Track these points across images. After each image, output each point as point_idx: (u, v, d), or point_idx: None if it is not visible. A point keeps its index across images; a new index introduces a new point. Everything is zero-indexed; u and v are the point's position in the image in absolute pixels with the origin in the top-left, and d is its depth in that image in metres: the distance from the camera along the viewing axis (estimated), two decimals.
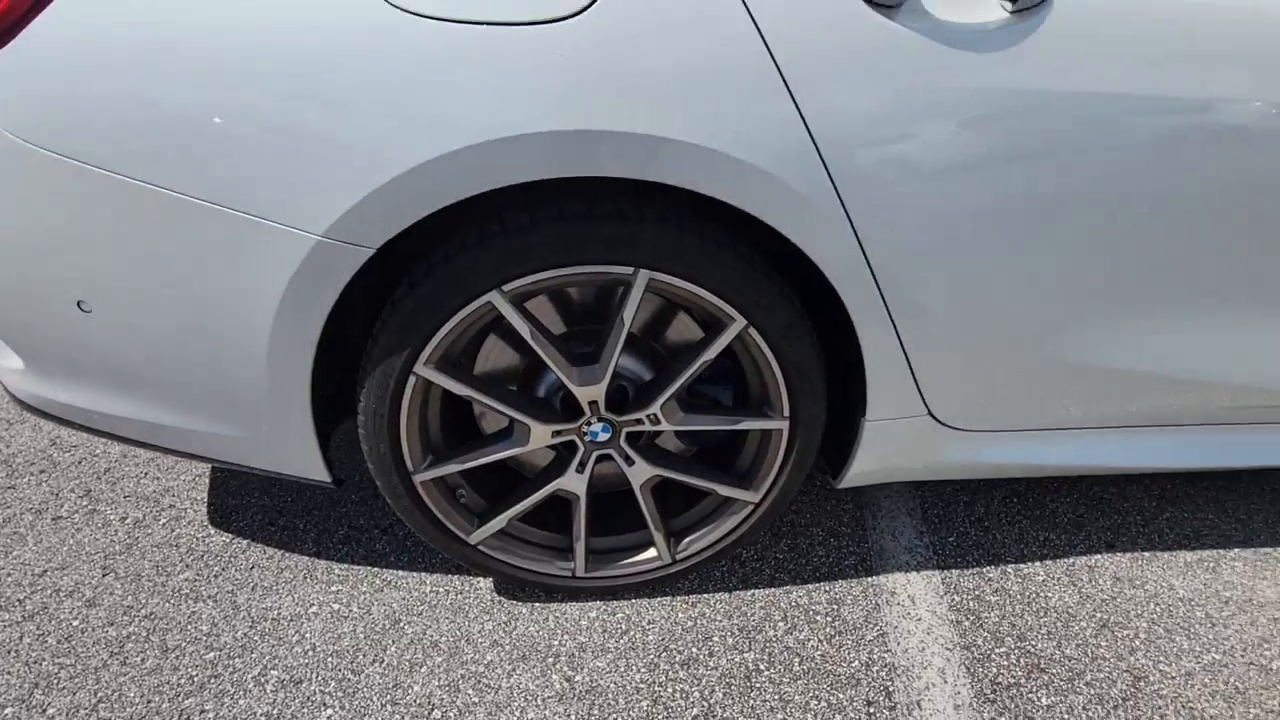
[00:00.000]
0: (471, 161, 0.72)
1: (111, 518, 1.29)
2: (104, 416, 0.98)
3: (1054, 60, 0.74)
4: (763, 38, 0.72)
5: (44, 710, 0.97)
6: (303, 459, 0.98)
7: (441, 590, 1.17)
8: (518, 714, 0.98)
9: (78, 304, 0.86)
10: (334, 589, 1.17)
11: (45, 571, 1.18)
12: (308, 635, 1.09)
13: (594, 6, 0.69)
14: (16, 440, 1.47)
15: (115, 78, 0.72)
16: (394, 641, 1.08)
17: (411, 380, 0.89)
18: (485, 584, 1.18)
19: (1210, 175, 0.81)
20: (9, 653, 1.04)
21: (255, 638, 1.08)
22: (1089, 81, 0.75)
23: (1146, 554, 1.26)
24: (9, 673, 1.02)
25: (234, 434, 0.96)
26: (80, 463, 1.41)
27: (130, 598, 1.13)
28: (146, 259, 0.80)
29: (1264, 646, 1.10)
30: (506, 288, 0.83)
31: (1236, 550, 1.27)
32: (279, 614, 1.12)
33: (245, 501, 1.34)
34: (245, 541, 1.26)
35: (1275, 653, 1.09)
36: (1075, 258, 0.85)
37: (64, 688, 1.00)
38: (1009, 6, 0.72)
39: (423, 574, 1.20)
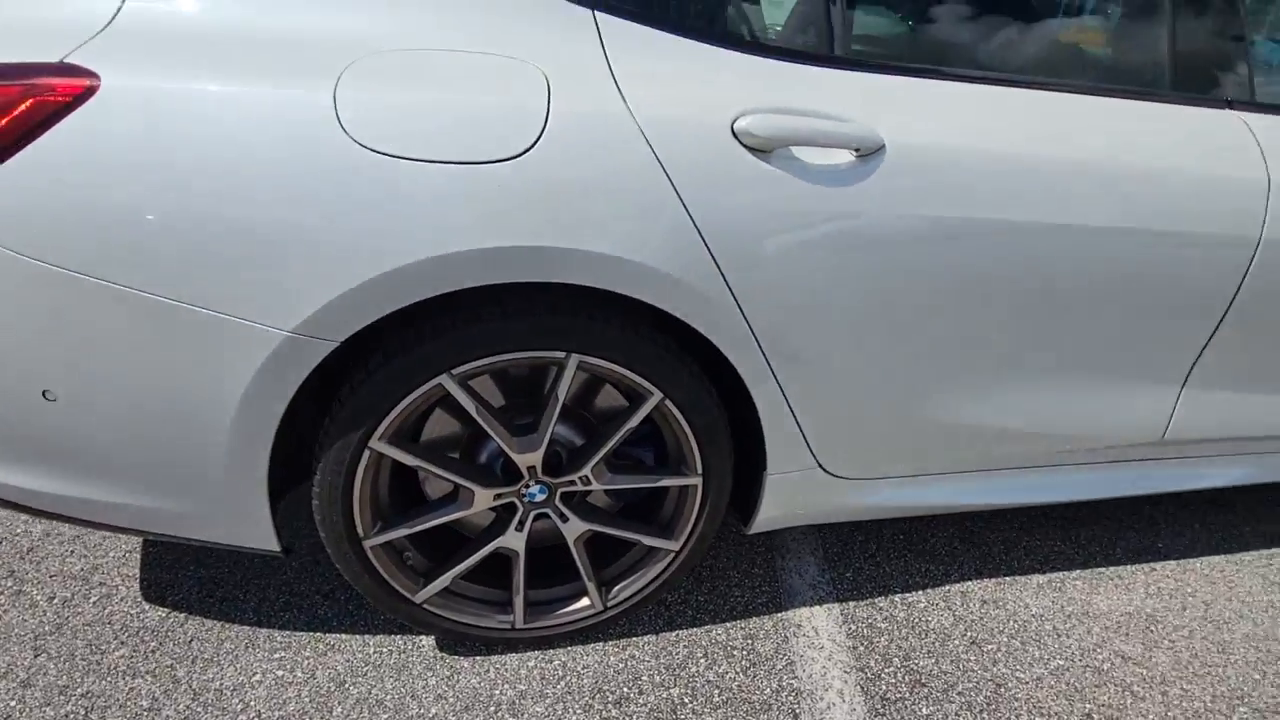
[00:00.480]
0: (428, 271, 0.86)
1: (39, 598, 1.28)
2: (53, 498, 1.01)
3: (887, 190, 0.96)
4: (667, 174, 0.90)
5: None
6: (256, 530, 1.05)
7: (385, 650, 1.23)
8: None
9: (43, 393, 0.92)
10: (277, 655, 1.21)
11: None
12: (252, 703, 1.12)
13: (527, 153, 0.85)
14: None
15: (97, 194, 0.82)
16: (339, 703, 1.13)
17: (366, 454, 0.99)
18: (428, 641, 1.25)
19: (1013, 277, 1.05)
20: None
21: (198, 709, 1.11)
22: (913, 205, 0.97)
23: (1007, 578, 1.48)
24: None
25: (190, 510, 1.02)
26: (0, 543, 1.39)
27: (65, 677, 1.13)
28: (119, 353, 0.88)
29: (1097, 651, 1.32)
30: (455, 371, 0.96)
31: (1077, 570, 1.51)
32: (221, 685, 1.15)
33: (179, 575, 1.35)
34: (182, 615, 1.27)
35: (1106, 655, 1.31)
36: (918, 339, 1.07)
37: None
38: (855, 154, 0.94)
39: (365, 636, 1.26)
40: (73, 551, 1.39)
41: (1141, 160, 1.07)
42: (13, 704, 1.07)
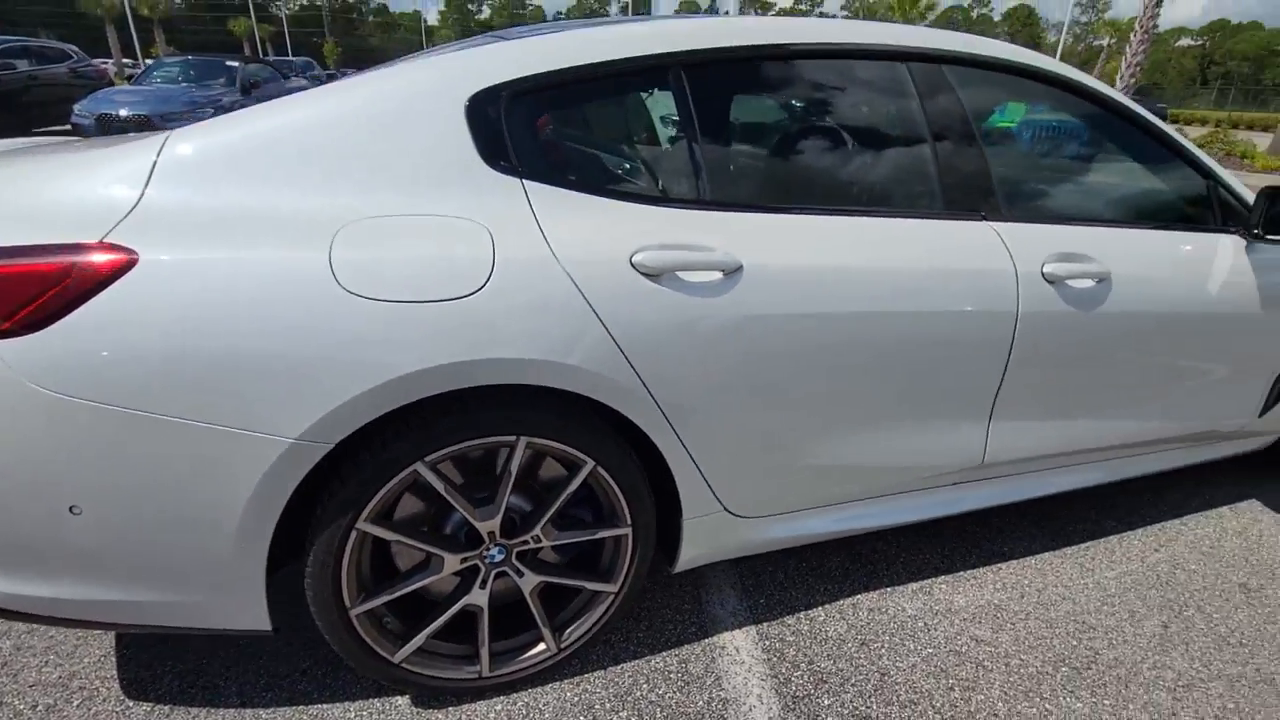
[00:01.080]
0: (408, 384, 1.11)
1: (21, 707, 1.36)
2: (74, 604, 1.15)
3: (745, 298, 1.30)
4: (585, 299, 1.20)
5: None
6: (253, 613, 1.22)
7: (365, 714, 1.38)
8: None
9: (70, 508, 1.08)
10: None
11: None
12: None
13: (480, 291, 1.14)
14: None
15: (135, 342, 1.02)
16: None
17: (354, 535, 1.20)
18: (403, 701, 1.41)
19: (844, 352, 1.41)
20: None
21: None
22: (765, 308, 1.31)
23: (888, 588, 1.80)
24: None
25: (200, 601, 1.18)
26: None
27: None
28: (162, 464, 1.06)
29: (958, 638, 1.64)
30: (427, 459, 1.19)
31: (942, 575, 1.85)
32: None
33: (157, 671, 1.46)
34: (167, 707, 1.38)
35: (964, 641, 1.63)
36: (781, 403, 1.40)
37: None
38: (721, 274, 1.28)
39: (346, 703, 1.41)
40: (47, 661, 1.47)
41: (929, 262, 1.48)
42: None
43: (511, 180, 1.24)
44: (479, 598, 1.35)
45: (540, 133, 1.33)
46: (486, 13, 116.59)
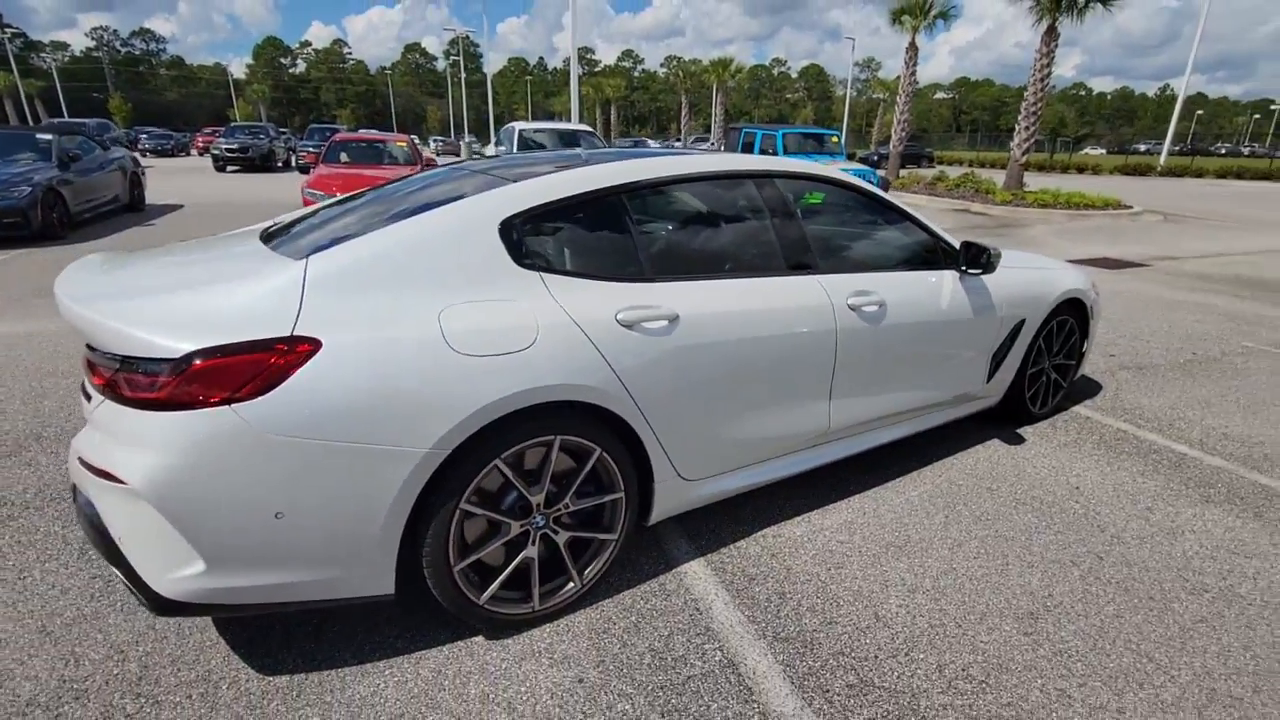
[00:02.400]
0: (493, 408, 1.75)
1: (180, 700, 1.77)
2: (261, 589, 1.65)
3: (683, 334, 2.09)
4: (593, 343, 1.93)
5: None
6: (384, 581, 1.77)
7: (452, 654, 1.95)
8: (531, 678, 1.84)
9: (275, 514, 1.60)
10: (387, 672, 1.86)
11: None
12: (386, 700, 1.78)
13: (532, 346, 1.82)
14: None
15: (328, 395, 1.59)
16: (447, 683, 1.84)
17: (458, 512, 1.80)
18: (478, 640, 1.99)
19: (742, 364, 2.25)
20: None
21: (345, 714, 1.74)
22: (695, 339, 2.12)
23: (782, 521, 2.64)
24: None
25: (350, 575, 1.72)
26: (106, 684, 1.81)
27: None
28: (339, 478, 1.62)
29: (829, 543, 2.51)
30: (502, 456, 1.84)
31: (815, 508, 2.73)
32: (358, 693, 1.78)
33: (281, 656, 1.91)
34: (302, 675, 1.85)
35: (833, 544, 2.51)
36: (710, 398, 2.20)
37: None
38: (667, 321, 2.06)
39: (434, 649, 1.96)
40: (179, 669, 1.86)
41: (784, 303, 2.37)
42: None
43: (532, 273, 1.95)
44: (532, 552, 1.98)
45: (545, 240, 2.05)
46: (302, 66, 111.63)
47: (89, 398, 1.72)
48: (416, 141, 12.71)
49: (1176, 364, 4.84)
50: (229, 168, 23.10)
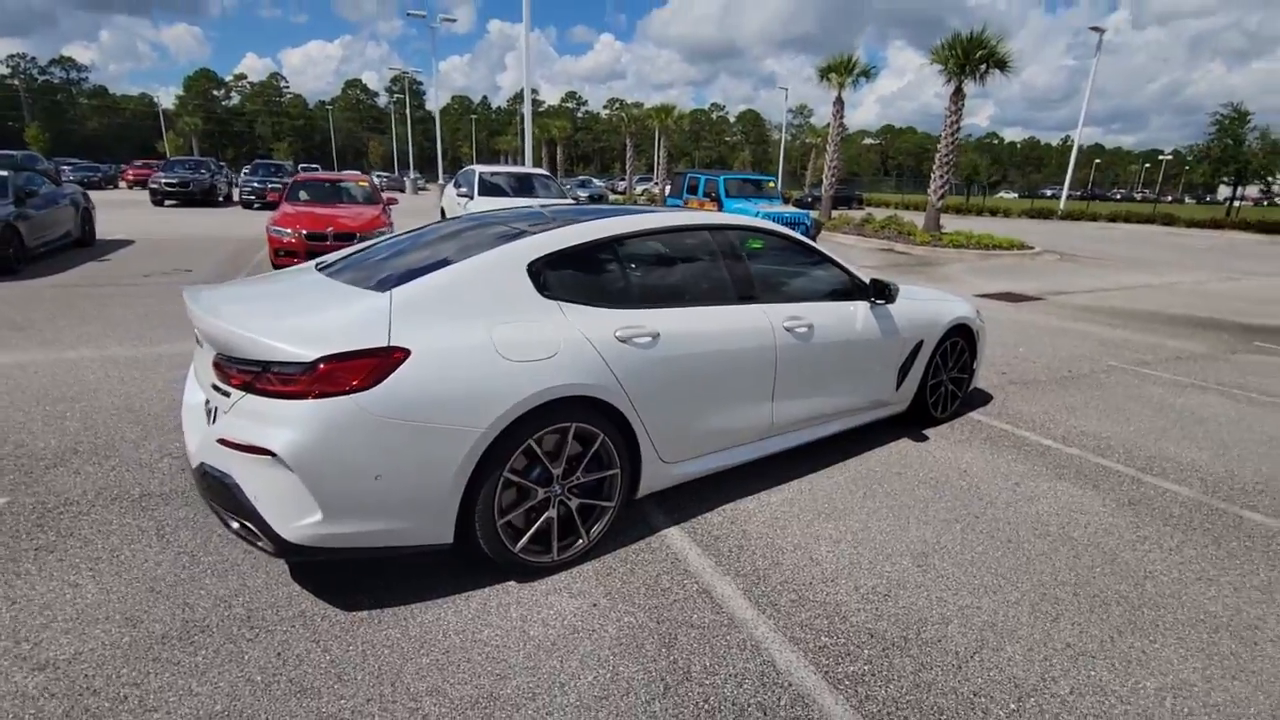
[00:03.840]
0: (529, 400, 2.38)
1: (283, 634, 2.28)
2: (358, 534, 2.21)
3: (664, 346, 2.77)
4: (599, 354, 2.59)
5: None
6: (446, 531, 2.35)
7: (491, 594, 2.52)
8: (557, 605, 2.44)
9: (375, 476, 2.18)
10: (434, 613, 2.42)
11: None
12: (451, 629, 2.34)
13: (556, 355, 2.47)
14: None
15: (420, 387, 2.19)
16: (490, 611, 2.41)
17: (501, 479, 2.41)
18: (511, 584, 2.57)
19: (707, 371, 2.95)
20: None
21: (438, 636, 2.29)
22: (673, 350, 2.81)
23: (738, 499, 3.32)
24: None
25: (423, 526, 2.29)
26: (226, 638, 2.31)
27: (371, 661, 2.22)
28: (421, 449, 2.21)
29: (776, 514, 3.21)
30: (534, 437, 2.46)
31: (764, 489, 3.43)
32: (431, 619, 2.34)
33: (356, 596, 2.44)
34: (378, 610, 2.39)
35: (779, 514, 3.21)
36: (686, 396, 2.89)
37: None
38: (652, 338, 2.75)
39: (479, 589, 2.53)
40: (276, 608, 2.37)
41: (736, 325, 3.10)
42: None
43: (552, 302, 2.61)
44: (551, 514, 2.60)
45: (560, 277, 2.72)
46: (236, 99, 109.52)
47: (226, 394, 2.25)
48: (374, 179, 13.14)
49: (1054, 380, 5.84)
50: (167, 202, 22.77)
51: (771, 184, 15.55)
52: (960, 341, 4.54)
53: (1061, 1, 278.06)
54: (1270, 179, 29.44)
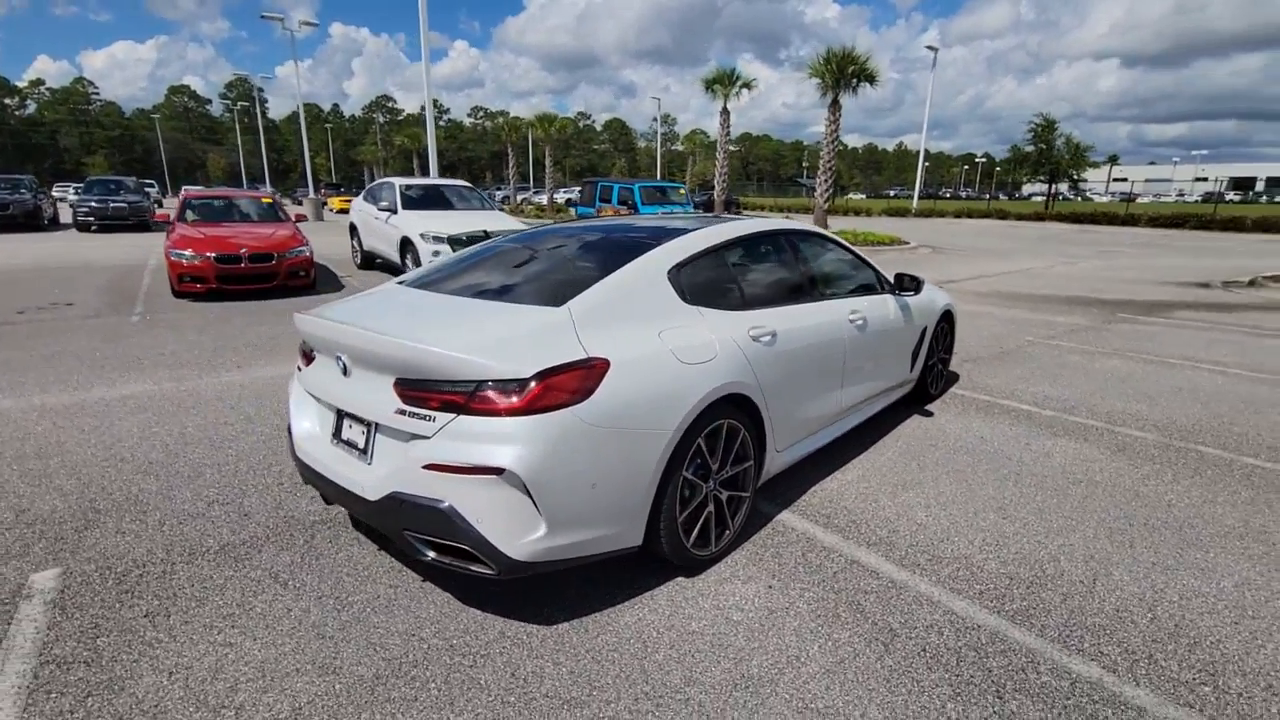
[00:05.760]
0: (702, 400, 2.51)
1: (506, 628, 2.26)
2: (575, 545, 2.23)
3: (780, 342, 3.01)
4: (744, 353, 2.76)
5: None
6: (639, 535, 2.43)
7: (674, 585, 2.61)
8: (738, 590, 2.58)
9: (592, 485, 2.22)
10: (638, 605, 2.48)
11: None
12: (623, 621, 2.41)
13: (715, 357, 2.62)
14: None
15: (622, 395, 2.25)
16: (685, 600, 2.50)
17: (681, 479, 2.52)
18: (679, 578, 2.67)
19: (812, 360, 3.21)
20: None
21: (598, 631, 2.35)
22: (787, 345, 3.05)
23: (824, 477, 3.61)
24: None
25: (623, 531, 2.35)
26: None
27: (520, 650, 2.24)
28: (626, 455, 2.27)
29: (847, 484, 3.53)
30: (702, 435, 2.59)
31: (838, 467, 3.74)
32: (628, 622, 2.39)
33: (545, 607, 2.45)
34: (579, 616, 2.41)
35: (849, 483, 3.53)
36: (797, 386, 3.13)
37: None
38: (772, 335, 2.96)
39: (654, 578, 2.61)
40: (483, 630, 2.33)
41: (818, 319, 3.38)
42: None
43: (693, 307, 2.75)
44: (710, 507, 2.73)
45: (695, 282, 2.85)
46: (33, 107, 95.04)
47: (426, 418, 2.18)
48: (278, 195, 12.12)
49: (994, 356, 6.69)
50: None
51: (682, 190, 16.18)
52: (945, 326, 5.15)
53: (885, 22, 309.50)
54: (1075, 176, 34.74)
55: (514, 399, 2.11)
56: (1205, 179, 78.31)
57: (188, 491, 3.44)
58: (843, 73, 18.14)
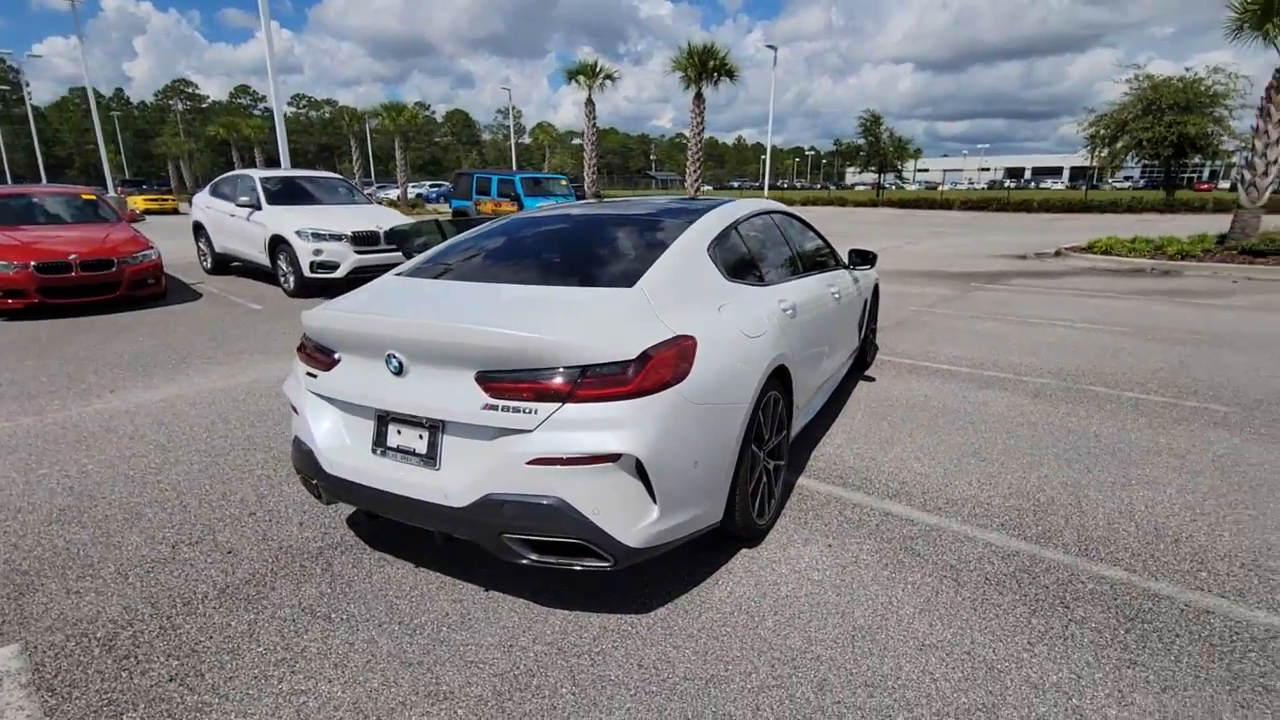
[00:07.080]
0: (765, 371, 2.56)
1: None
2: (678, 527, 2.19)
3: (798, 313, 3.14)
4: (779, 326, 2.85)
5: None
6: (720, 511, 2.43)
7: (739, 556, 2.64)
8: (804, 554, 2.67)
9: (694, 463, 2.18)
10: (721, 578, 2.49)
11: None
12: (713, 599, 2.43)
13: (766, 331, 2.67)
14: None
15: (711, 373, 2.24)
16: (759, 568, 2.55)
17: (750, 452, 2.55)
18: (742, 550, 2.71)
19: (821, 323, 3.38)
20: None
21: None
22: (805, 315, 3.20)
23: (815, 449, 3.81)
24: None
25: (708, 509, 2.34)
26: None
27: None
28: (717, 430, 2.26)
29: (840, 446, 3.78)
30: (759, 406, 2.63)
31: (827, 429, 3.97)
32: (720, 596, 2.40)
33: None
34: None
35: (838, 444, 3.78)
36: (811, 346, 3.28)
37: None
38: (793, 308, 3.08)
39: (710, 554, 2.63)
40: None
41: (813, 293, 3.56)
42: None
43: (733, 284, 2.79)
44: (764, 479, 2.79)
45: (729, 259, 2.88)
46: None
47: (526, 411, 2.02)
48: (104, 194, 10.26)
49: (895, 325, 7.39)
50: None
51: (565, 182, 16.01)
52: (872, 299, 5.61)
53: (714, 21, 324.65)
54: (899, 167, 39.05)
55: (623, 382, 2.03)
56: (988, 169, 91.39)
57: (135, 536, 2.90)
58: (704, 66, 18.90)
